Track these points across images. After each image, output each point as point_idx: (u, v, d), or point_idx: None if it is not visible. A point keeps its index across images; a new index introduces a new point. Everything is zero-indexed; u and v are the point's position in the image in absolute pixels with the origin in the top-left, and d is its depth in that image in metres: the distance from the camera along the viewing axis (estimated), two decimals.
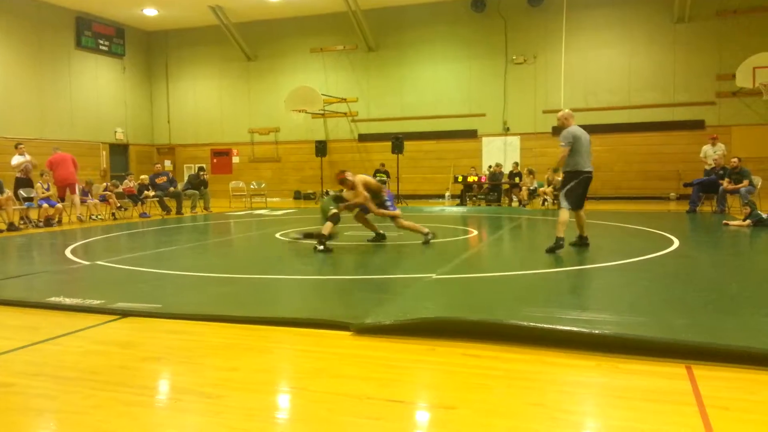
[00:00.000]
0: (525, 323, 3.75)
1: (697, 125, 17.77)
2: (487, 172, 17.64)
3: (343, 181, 8.13)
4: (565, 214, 7.13)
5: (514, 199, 16.57)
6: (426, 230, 8.13)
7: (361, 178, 8.05)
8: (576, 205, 7.21)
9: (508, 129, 19.54)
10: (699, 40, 17.68)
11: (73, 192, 12.81)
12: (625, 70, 18.37)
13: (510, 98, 19.42)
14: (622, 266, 6.33)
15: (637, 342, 3.47)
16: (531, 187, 16.11)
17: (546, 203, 15.61)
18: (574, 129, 7.18)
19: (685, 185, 14.92)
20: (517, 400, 2.81)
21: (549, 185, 15.73)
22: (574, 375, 3.18)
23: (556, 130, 18.82)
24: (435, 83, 20.22)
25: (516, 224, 11.52)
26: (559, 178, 7.42)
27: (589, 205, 16.44)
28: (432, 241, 8.08)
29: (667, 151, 18.03)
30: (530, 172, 16.42)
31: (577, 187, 7.16)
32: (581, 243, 7.47)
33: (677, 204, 16.26)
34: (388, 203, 8.19)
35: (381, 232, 8.44)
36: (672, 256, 6.98)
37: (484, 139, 19.84)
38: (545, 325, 3.70)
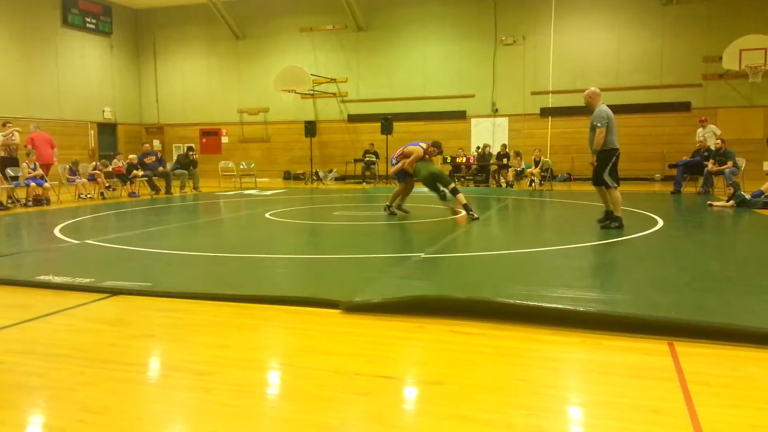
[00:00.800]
0: (512, 301, 3.81)
1: (684, 107, 17.89)
2: (476, 153, 17.67)
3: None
4: (617, 192, 7.25)
5: (502, 180, 16.63)
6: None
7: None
8: (616, 181, 7.32)
9: (496, 110, 19.54)
10: (687, 23, 17.71)
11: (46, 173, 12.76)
12: (613, 51, 18.38)
13: (499, 79, 19.39)
14: (607, 245, 6.42)
15: (621, 319, 3.53)
16: (518, 169, 16.16)
17: (533, 184, 15.69)
18: (606, 108, 7.24)
19: (670, 166, 15.07)
20: (503, 376, 2.87)
21: (537, 166, 15.80)
22: (559, 351, 3.24)
23: (544, 111, 18.88)
24: (425, 64, 20.13)
25: (503, 205, 11.59)
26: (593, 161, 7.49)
27: (575, 186, 16.71)
28: (420, 220, 8.11)
29: (653, 133, 18.16)
30: (517, 154, 16.46)
31: (616, 163, 7.28)
32: (606, 219, 7.50)
33: (662, 185, 16.41)
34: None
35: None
36: (656, 235, 7.08)
37: (473, 121, 19.83)
38: (531, 303, 3.77)
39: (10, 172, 12.27)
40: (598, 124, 7.11)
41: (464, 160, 17.07)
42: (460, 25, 19.67)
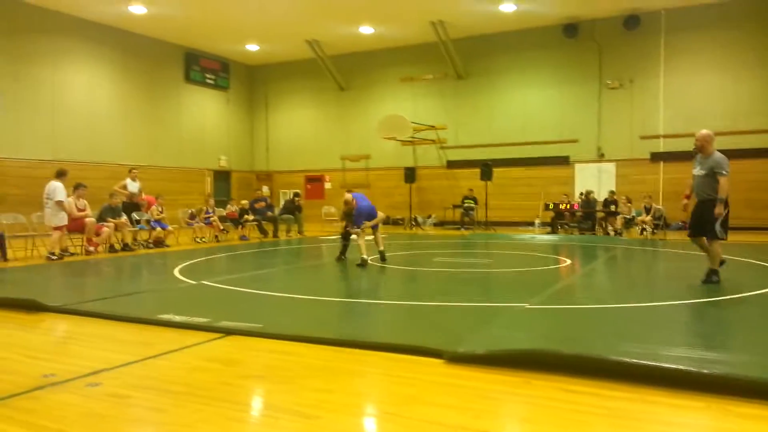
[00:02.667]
0: (629, 360, 3.59)
1: None
2: (580, 200, 17.12)
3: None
4: (719, 245, 6.91)
5: (609, 227, 15.95)
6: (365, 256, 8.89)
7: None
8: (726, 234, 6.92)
9: (602, 155, 18.91)
10: None
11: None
12: (729, 93, 17.34)
13: (605, 123, 18.83)
14: (731, 301, 5.94)
15: (751, 383, 3.24)
16: (628, 216, 15.45)
17: (645, 233, 14.90)
18: (723, 156, 6.87)
19: None
20: None
21: (648, 214, 15.04)
22: (681, 416, 3.01)
23: (654, 156, 18.02)
24: (525, 109, 19.98)
25: (612, 254, 11.07)
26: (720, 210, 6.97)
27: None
28: (522, 269, 7.92)
29: None
30: (628, 200, 15.77)
31: (728, 215, 6.91)
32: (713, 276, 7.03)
33: None
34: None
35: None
36: None
37: (577, 166, 19.30)
38: (651, 363, 3.54)
39: (135, 216, 13.35)
40: (724, 172, 6.70)
41: (568, 206, 16.59)
42: (561, 69, 19.43)
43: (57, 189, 10.86)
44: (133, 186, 13.92)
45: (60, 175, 11.22)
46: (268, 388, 3.54)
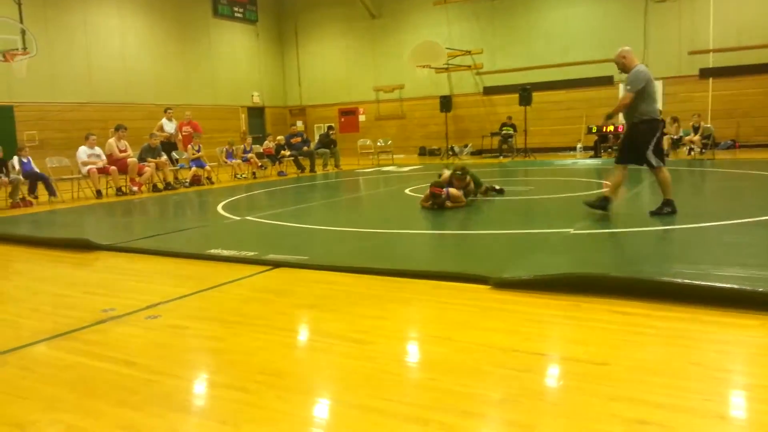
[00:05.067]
0: (680, 280, 3.55)
1: None
2: (624, 122, 16.55)
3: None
4: (664, 172, 6.17)
5: None
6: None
7: None
8: (663, 160, 6.22)
9: None
10: None
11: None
12: None
13: (651, 39, 17.91)
14: None
15: None
16: (675, 137, 14.92)
17: (693, 152, 14.42)
18: (643, 69, 6.09)
19: None
20: (673, 359, 2.70)
21: (696, 133, 14.50)
22: (735, 334, 2.99)
23: (703, 72, 17.16)
24: (565, 28, 19.12)
25: None
26: (611, 128, 6.42)
27: (741, 154, 15.07)
28: (566, 194, 7.78)
29: None
30: (675, 120, 15.16)
31: (660, 138, 6.22)
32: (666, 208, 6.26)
33: None
34: None
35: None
36: None
37: (621, 86, 18.54)
38: (702, 282, 3.49)
39: (175, 155, 13.54)
40: (628, 87, 6.03)
41: (612, 128, 16.08)
42: None
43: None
44: (169, 126, 14.06)
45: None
46: (321, 316, 3.63)
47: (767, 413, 2.21)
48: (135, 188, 11.90)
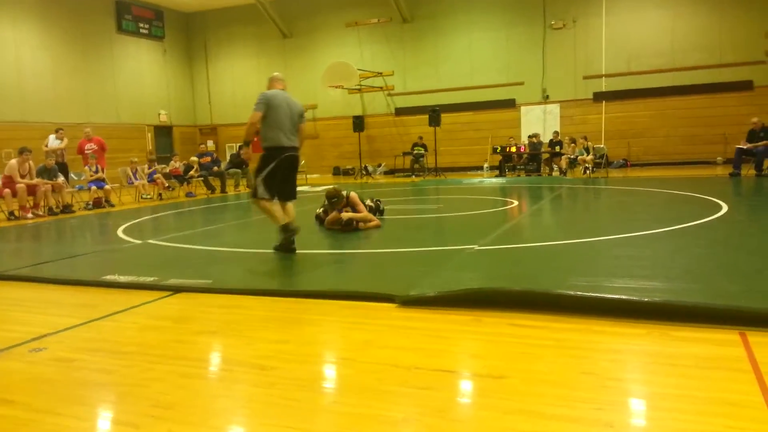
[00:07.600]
0: (572, 292, 3.71)
1: (746, 86, 17.04)
2: (527, 142, 17.36)
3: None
4: (268, 204, 5.83)
5: (555, 168, 16.29)
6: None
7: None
8: (282, 194, 5.93)
9: (547, 97, 19.12)
10: None
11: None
12: (668, 31, 17.67)
13: (549, 65, 18.96)
14: (670, 233, 6.19)
15: (689, 308, 3.40)
16: (572, 156, 15.80)
17: (587, 172, 15.32)
18: (272, 92, 5.85)
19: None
20: (567, 369, 2.80)
21: (588, 154, 15.42)
22: (624, 343, 3.14)
23: (597, 96, 18.37)
24: (471, 53, 19.88)
25: (557, 194, 11.34)
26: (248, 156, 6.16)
27: (632, 172, 16.20)
28: (471, 212, 8.01)
29: (713, 114, 17.40)
30: (572, 141, 16.09)
31: (276, 170, 5.84)
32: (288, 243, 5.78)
33: (724, 168, 15.71)
34: None
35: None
36: (721, 221, 6.79)
37: (523, 108, 19.47)
38: (593, 294, 3.67)
39: (74, 176, 12.79)
40: (254, 107, 5.70)
41: (515, 149, 16.80)
42: (506, 10, 19.32)
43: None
44: (54, 142, 13.20)
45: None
46: (222, 342, 3.50)
47: (655, 420, 2.32)
48: (28, 214, 11.09)
